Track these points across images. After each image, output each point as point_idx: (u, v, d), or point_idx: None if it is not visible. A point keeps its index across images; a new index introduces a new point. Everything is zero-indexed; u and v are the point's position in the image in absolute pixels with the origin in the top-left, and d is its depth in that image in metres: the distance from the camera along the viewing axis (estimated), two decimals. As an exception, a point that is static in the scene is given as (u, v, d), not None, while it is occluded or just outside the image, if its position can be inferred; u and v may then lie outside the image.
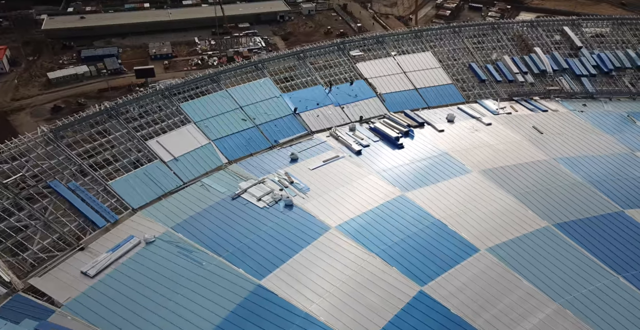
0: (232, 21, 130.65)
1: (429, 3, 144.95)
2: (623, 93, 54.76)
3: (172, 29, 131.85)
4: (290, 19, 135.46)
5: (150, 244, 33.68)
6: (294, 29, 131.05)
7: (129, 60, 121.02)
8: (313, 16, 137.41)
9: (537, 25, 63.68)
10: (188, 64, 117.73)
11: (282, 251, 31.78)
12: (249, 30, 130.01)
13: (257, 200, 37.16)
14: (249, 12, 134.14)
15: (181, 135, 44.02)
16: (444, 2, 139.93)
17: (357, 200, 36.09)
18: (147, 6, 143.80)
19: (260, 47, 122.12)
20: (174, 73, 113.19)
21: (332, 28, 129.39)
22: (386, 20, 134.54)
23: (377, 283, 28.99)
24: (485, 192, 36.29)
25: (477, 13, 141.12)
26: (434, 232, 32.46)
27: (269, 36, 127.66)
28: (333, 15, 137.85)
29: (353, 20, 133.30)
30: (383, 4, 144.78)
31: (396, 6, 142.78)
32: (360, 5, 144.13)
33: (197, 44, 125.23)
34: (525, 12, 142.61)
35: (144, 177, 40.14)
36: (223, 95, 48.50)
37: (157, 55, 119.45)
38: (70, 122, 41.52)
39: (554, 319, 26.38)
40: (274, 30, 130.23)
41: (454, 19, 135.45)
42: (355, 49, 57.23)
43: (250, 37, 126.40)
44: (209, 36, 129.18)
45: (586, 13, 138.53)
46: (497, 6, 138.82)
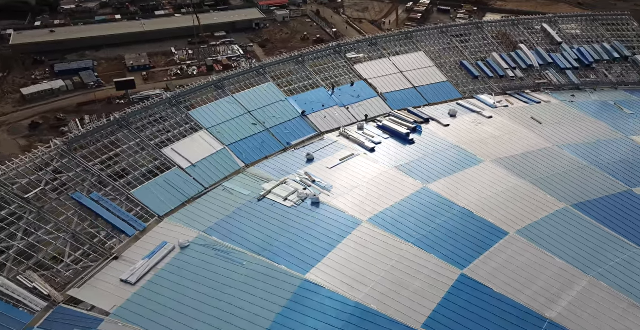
0: (208, 30, 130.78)
1: (399, 8, 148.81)
2: (605, 83, 58.28)
3: (147, 39, 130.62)
4: (265, 26, 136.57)
5: (186, 249, 33.89)
6: (271, 36, 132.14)
7: (105, 72, 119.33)
8: (288, 23, 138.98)
9: (518, 24, 66.77)
10: (167, 74, 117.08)
11: (320, 246, 32.61)
12: (226, 38, 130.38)
13: (284, 200, 37.88)
14: (224, 20, 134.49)
15: (195, 141, 44.31)
16: (414, 6, 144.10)
17: (382, 194, 37.32)
18: (119, 18, 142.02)
19: (238, 55, 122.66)
20: (154, 84, 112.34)
21: (308, 34, 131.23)
22: (360, 25, 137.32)
23: (419, 270, 30.23)
24: (501, 180, 38.23)
25: (445, 15, 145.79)
26: (462, 220, 34.04)
27: (246, 44, 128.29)
28: (307, 22, 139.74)
29: (328, 26, 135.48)
30: (355, 9, 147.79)
31: (368, 11, 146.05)
32: (333, 10, 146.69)
33: (174, 54, 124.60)
34: (491, 13, 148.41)
35: (165, 184, 40.23)
36: (230, 101, 49.03)
37: (135, 66, 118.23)
38: (83, 134, 41.25)
39: (590, 291, 28.30)
40: (250, 38, 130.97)
41: (425, 22, 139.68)
42: (351, 51, 58.80)
43: (227, 45, 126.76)
44: (185, 46, 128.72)
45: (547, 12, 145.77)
46: (464, 8, 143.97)
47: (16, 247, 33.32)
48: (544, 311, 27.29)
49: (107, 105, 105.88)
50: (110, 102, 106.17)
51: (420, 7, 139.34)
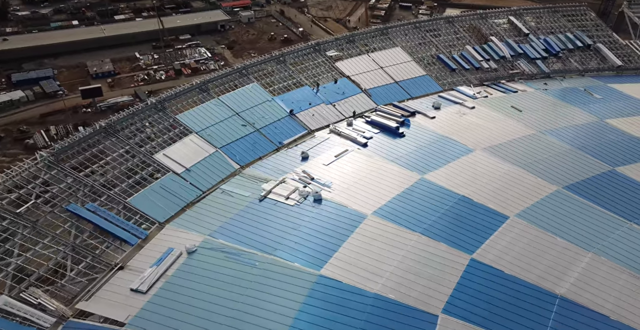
0: (172, 33, 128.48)
1: (362, 5, 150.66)
2: (572, 71, 61.19)
3: (109, 45, 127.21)
4: (231, 27, 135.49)
5: (193, 253, 33.52)
6: (237, 37, 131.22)
7: (67, 81, 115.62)
8: (253, 24, 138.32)
9: (487, 17, 69.09)
10: (134, 80, 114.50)
11: (330, 242, 32.99)
12: (192, 41, 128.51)
13: (286, 199, 38.00)
14: (188, 23, 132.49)
15: (186, 146, 43.76)
16: (376, 3, 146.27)
17: (381, 187, 38.04)
18: (76, 23, 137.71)
19: (206, 57, 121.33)
20: (122, 90, 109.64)
21: (275, 34, 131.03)
22: (325, 24, 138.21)
23: (430, 258, 31.08)
24: (493, 167, 39.69)
25: (408, 12, 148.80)
26: (463, 207, 35.18)
27: (213, 46, 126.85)
28: (273, 22, 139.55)
29: (294, 26, 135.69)
30: (319, 8, 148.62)
31: (332, 9, 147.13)
32: (297, 10, 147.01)
33: (139, 59, 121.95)
34: (450, 8, 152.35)
35: (162, 190, 39.58)
36: (216, 104, 48.64)
37: (99, 73, 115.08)
38: (69, 144, 39.98)
39: (593, 266, 29.91)
40: (216, 40, 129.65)
41: (388, 18, 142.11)
42: (330, 49, 59.35)
43: (194, 48, 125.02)
44: (150, 50, 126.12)
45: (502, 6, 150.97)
46: (425, 4, 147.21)
47: (14, 263, 32.10)
48: (554, 288, 28.69)
49: (73, 115, 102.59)
50: (76, 111, 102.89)
51: (383, 4, 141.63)
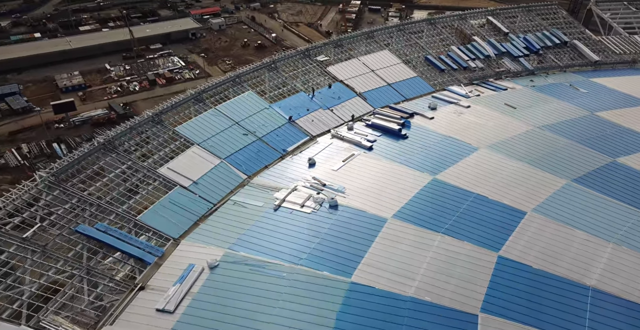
0: (142, 43, 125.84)
1: (332, 9, 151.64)
2: (554, 67, 63.30)
3: (76, 57, 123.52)
4: (202, 35, 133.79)
5: (216, 268, 32.65)
6: (210, 45, 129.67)
7: (35, 96, 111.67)
8: (225, 31, 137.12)
9: (466, 18, 70.63)
10: (107, 92, 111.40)
11: (355, 248, 32.81)
12: (163, 50, 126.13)
13: (301, 207, 37.58)
14: (158, 32, 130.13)
15: (190, 158, 42.72)
16: (346, 7, 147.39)
17: (396, 190, 38.16)
18: (38, 36, 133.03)
19: (180, 66, 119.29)
20: (95, 103, 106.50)
21: (248, 40, 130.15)
22: (297, 28, 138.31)
23: (458, 257, 31.37)
24: (500, 164, 40.51)
25: (377, 14, 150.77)
26: (481, 205, 35.69)
27: (185, 55, 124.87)
28: (244, 28, 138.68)
29: (266, 31, 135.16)
30: (289, 13, 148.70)
31: (302, 14, 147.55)
32: (268, 16, 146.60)
33: (110, 70, 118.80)
34: (418, 10, 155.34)
35: (171, 205, 38.44)
36: (214, 114, 47.75)
37: (69, 87, 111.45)
38: (68, 163, 38.27)
39: (616, 255, 30.88)
40: (189, 48, 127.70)
41: (359, 21, 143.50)
42: (320, 54, 59.33)
43: (166, 57, 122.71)
44: (121, 61, 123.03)
45: (470, 7, 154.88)
46: (394, 7, 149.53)
47: (28, 291, 30.45)
48: (583, 280, 29.45)
49: (44, 131, 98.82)
50: (48, 127, 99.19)
51: (352, 7, 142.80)
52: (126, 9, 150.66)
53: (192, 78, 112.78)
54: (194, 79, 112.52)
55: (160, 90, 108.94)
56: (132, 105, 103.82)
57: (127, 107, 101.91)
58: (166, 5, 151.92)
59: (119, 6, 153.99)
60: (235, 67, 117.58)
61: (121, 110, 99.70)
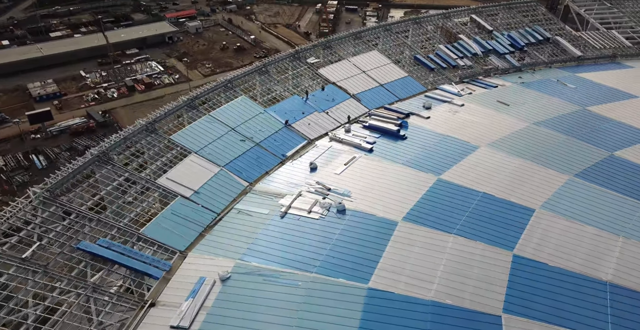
0: (118, 48, 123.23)
1: (309, 9, 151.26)
2: (540, 63, 64.30)
3: (49, 65, 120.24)
4: (179, 39, 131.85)
5: (228, 280, 31.77)
6: (188, 48, 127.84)
7: (6, 106, 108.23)
8: (202, 34, 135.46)
9: (450, 16, 71.12)
10: (83, 100, 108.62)
11: (368, 253, 32.41)
12: (140, 55, 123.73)
13: (308, 213, 36.98)
14: (134, 37, 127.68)
15: (188, 167, 41.62)
16: (322, 8, 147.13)
17: (402, 192, 37.95)
18: (6, 43, 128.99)
19: (159, 71, 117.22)
20: (72, 112, 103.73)
21: (227, 43, 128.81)
22: (276, 30, 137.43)
23: (473, 258, 31.32)
24: (503, 162, 40.76)
25: (354, 14, 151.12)
26: (489, 204, 35.79)
27: (163, 59, 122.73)
28: (222, 31, 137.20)
29: (245, 34, 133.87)
30: (266, 14, 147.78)
31: (280, 15, 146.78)
32: (245, 17, 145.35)
33: (85, 77, 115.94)
34: (395, 9, 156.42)
35: (174, 217, 37.32)
36: (209, 120, 46.71)
37: (43, 96, 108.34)
38: (63, 178, 36.67)
39: (628, 249, 31.32)
40: (166, 52, 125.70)
41: (337, 21, 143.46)
42: (310, 57, 58.80)
43: (143, 62, 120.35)
44: (96, 67, 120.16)
45: (445, 5, 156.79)
46: (371, 6, 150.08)
47: (33, 314, 29.02)
48: (599, 275, 29.78)
49: (20, 143, 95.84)
50: (23, 139, 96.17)
51: (330, 7, 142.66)
52: (98, 13, 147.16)
53: (172, 83, 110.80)
54: (174, 83, 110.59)
55: (140, 96, 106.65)
56: (112, 112, 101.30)
57: (106, 115, 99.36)
58: (140, 9, 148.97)
59: (89, 11, 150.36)
60: (215, 70, 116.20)
61: (100, 118, 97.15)
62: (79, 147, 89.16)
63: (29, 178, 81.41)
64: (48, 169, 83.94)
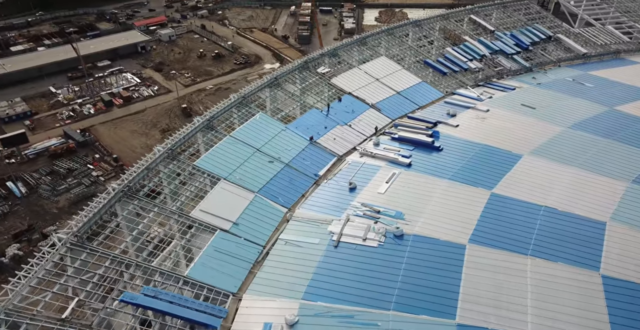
0: (88, 61, 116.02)
1: (283, 12, 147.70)
2: (548, 62, 63.76)
3: (13, 82, 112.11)
4: (152, 48, 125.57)
5: (297, 325, 28.67)
6: (163, 58, 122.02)
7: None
8: (175, 41, 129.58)
9: (449, 17, 69.74)
10: (58, 118, 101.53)
11: (445, 282, 30.02)
12: (113, 67, 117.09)
13: (364, 240, 34.26)
14: (104, 48, 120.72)
15: (221, 195, 38.02)
16: (297, 10, 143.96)
17: (458, 210, 35.78)
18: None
19: (135, 83, 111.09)
20: (47, 132, 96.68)
21: (203, 50, 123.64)
22: (252, 34, 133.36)
23: (559, 281, 29.34)
24: (553, 171, 39.24)
25: (329, 15, 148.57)
26: (554, 219, 34.07)
27: (139, 70, 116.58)
28: (196, 38, 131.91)
29: (220, 40, 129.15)
30: (240, 19, 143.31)
31: (254, 19, 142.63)
32: (218, 23, 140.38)
33: (56, 93, 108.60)
34: (369, 9, 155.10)
35: (218, 254, 33.73)
36: (230, 142, 43.11)
37: (12, 116, 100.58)
38: (88, 219, 32.37)
39: None
40: (140, 63, 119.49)
41: (314, 24, 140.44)
42: (320, 66, 55.96)
43: (117, 75, 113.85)
44: (67, 82, 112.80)
45: (418, 4, 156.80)
46: (346, 7, 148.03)
47: (85, 387, 25.12)
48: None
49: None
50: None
51: (305, 9, 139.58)
52: (59, 23, 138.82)
53: (152, 95, 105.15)
54: (154, 95, 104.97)
55: (119, 111, 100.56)
56: (91, 130, 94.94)
57: (86, 134, 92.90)
58: (105, 18, 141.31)
59: (49, 22, 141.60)
60: (195, 79, 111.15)
61: (80, 138, 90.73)
62: (61, 171, 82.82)
63: (9, 208, 74.74)
64: (29, 196, 77.52)
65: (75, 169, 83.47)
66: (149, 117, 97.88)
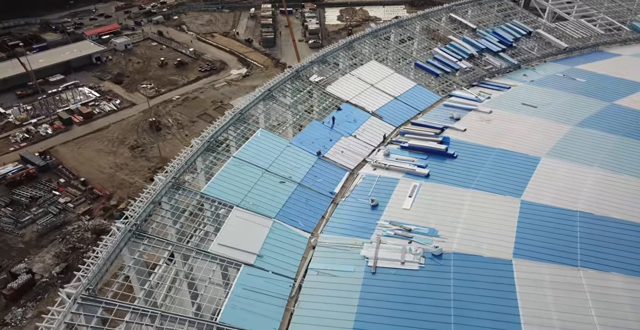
0: (39, 76, 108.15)
1: (242, 15, 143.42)
2: (533, 59, 63.83)
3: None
4: (108, 59, 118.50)
5: (354, 368, 26.19)
6: (121, 68, 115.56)
7: None
8: (133, 50, 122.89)
9: (429, 17, 68.70)
10: (11, 142, 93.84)
11: (502, 305, 28.27)
12: (67, 82, 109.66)
13: (402, 264, 32.10)
14: (55, 61, 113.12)
15: (238, 226, 34.77)
16: (257, 12, 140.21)
17: (492, 222, 34.24)
18: None
19: (95, 98, 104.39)
20: (0, 158, 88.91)
21: (165, 59, 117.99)
22: (213, 39, 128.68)
23: (618, 293, 28.22)
24: (577, 173, 38.42)
25: (291, 16, 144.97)
26: (594, 224, 33.09)
27: (96, 84, 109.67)
28: (154, 45, 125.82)
29: (181, 46, 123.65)
30: (198, 23, 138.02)
31: (213, 23, 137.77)
32: (175, 29, 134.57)
33: (6, 114, 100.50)
34: (329, 8, 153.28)
35: (248, 293, 30.54)
36: (236, 164, 39.89)
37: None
38: (98, 268, 28.44)
39: None
40: (97, 75, 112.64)
41: (276, 25, 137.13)
42: (312, 74, 53.38)
43: (73, 89, 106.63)
44: (16, 101, 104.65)
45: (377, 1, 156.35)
46: (307, 7, 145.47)
47: None
48: None
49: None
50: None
51: (265, 11, 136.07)
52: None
53: (114, 109, 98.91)
54: (117, 110, 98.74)
55: (80, 130, 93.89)
56: (51, 153, 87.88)
57: (46, 157, 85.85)
58: (50, 28, 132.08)
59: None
60: (159, 90, 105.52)
61: (40, 162, 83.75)
62: (23, 200, 75.96)
63: (-31, 246, 67.55)
64: (-11, 231, 70.49)
65: (39, 197, 76.79)
66: (115, 134, 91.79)
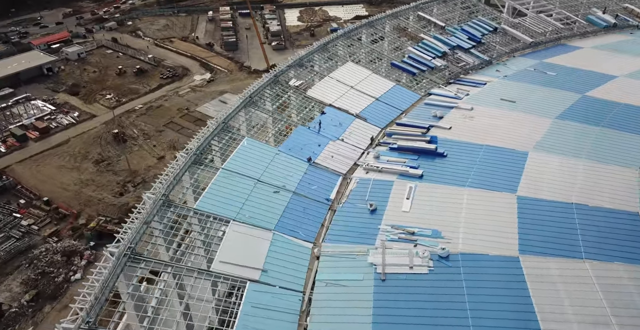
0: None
1: (200, 18, 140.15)
2: (502, 54, 65.16)
3: None
4: (60, 69, 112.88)
5: (379, 381, 25.48)
6: (75, 79, 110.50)
7: None
8: (86, 59, 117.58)
9: (398, 16, 68.96)
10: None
11: (517, 303, 28.30)
12: (18, 96, 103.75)
13: (410, 268, 31.68)
14: (2, 74, 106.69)
15: (237, 241, 33.41)
16: (215, 15, 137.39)
17: (492, 220, 34.39)
18: None
19: (50, 111, 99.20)
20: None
21: (123, 67, 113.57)
22: (172, 44, 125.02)
23: (627, 283, 28.95)
24: (566, 166, 39.15)
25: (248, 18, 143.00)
26: (588, 216, 33.68)
27: (50, 96, 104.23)
28: (110, 53, 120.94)
29: (139, 53, 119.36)
30: (154, 28, 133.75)
31: (170, 28, 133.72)
32: (131, 35, 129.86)
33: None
34: (289, 9, 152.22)
35: (256, 310, 29.31)
36: (226, 176, 38.37)
37: None
38: (95, 298, 26.48)
39: None
40: (50, 87, 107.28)
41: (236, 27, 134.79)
42: (291, 78, 52.35)
43: (25, 103, 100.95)
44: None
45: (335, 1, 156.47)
46: (266, 8, 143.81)
47: None
48: None
49: None
50: None
51: (225, 14, 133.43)
52: None
53: (73, 122, 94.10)
54: (76, 123, 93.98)
55: (37, 146, 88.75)
56: (7, 172, 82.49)
57: (2, 177, 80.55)
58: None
59: None
60: (120, 100, 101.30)
61: (-5, 183, 78.43)
62: (-19, 224, 70.89)
63: None
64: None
65: (-1, 222, 71.94)
66: (76, 148, 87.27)
